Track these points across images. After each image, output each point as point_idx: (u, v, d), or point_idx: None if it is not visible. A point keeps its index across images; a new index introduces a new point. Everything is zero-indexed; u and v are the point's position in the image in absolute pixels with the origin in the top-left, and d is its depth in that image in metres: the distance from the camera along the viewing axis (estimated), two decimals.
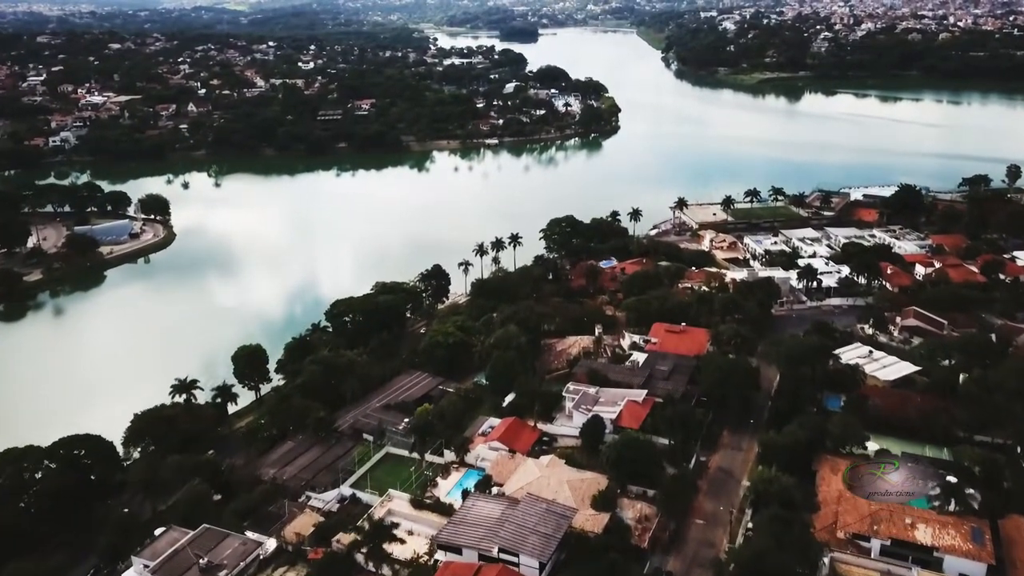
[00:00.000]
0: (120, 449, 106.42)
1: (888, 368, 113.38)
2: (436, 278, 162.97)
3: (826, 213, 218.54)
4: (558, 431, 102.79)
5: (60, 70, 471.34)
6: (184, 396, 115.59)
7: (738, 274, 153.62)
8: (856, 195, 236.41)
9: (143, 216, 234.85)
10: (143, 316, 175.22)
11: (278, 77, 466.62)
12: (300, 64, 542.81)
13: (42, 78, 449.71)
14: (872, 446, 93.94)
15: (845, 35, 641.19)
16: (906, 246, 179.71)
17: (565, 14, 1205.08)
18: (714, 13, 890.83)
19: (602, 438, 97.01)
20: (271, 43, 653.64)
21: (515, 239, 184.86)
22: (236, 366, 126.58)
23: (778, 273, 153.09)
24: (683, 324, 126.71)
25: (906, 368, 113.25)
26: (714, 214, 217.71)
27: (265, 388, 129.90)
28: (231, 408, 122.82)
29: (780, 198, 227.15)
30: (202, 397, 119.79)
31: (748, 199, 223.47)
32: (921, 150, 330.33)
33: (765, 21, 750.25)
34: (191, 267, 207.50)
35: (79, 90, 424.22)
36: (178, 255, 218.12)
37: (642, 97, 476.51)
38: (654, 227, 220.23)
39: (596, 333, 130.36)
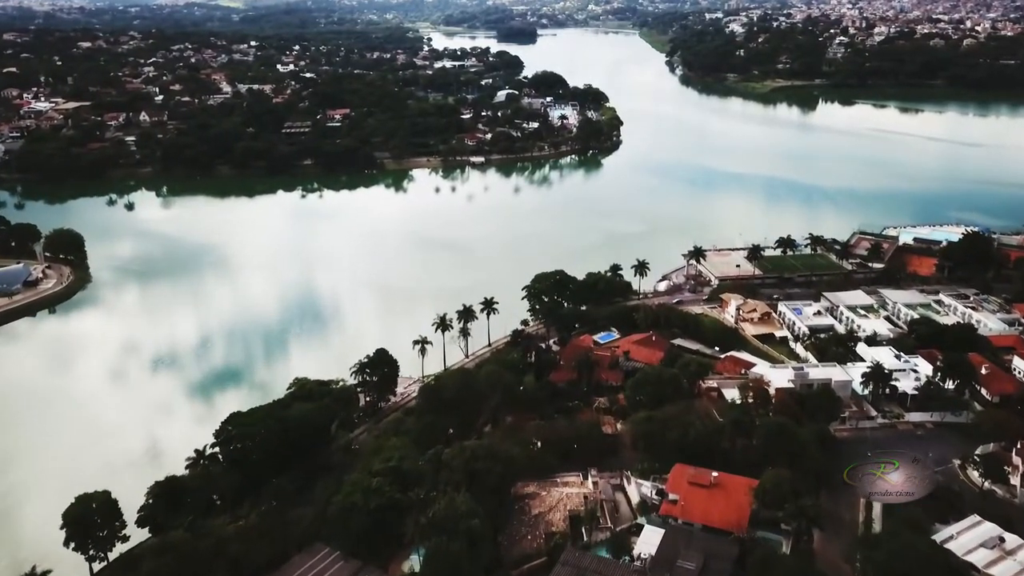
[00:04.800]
0: None
1: None
2: (381, 366, 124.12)
3: (874, 265, 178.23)
4: None
5: (12, 72, 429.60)
6: None
7: (782, 375, 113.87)
8: (905, 238, 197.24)
9: (48, 255, 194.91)
10: None
11: (249, 82, 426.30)
12: (280, 66, 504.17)
13: None
14: None
15: (862, 40, 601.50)
16: (989, 322, 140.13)
17: (565, 14, 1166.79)
18: (720, 15, 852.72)
19: None
20: (253, 43, 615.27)
21: (489, 305, 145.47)
22: (68, 529, 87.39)
23: (835, 374, 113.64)
24: (715, 474, 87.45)
25: None
26: (737, 265, 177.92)
27: (117, 550, 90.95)
28: None
29: (818, 247, 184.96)
30: None
31: (779, 248, 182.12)
32: (966, 176, 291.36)
33: (775, 24, 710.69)
34: (84, 331, 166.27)
35: (25, 95, 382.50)
36: (79, 309, 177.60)
37: (645, 106, 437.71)
38: (663, 278, 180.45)
39: (590, 483, 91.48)
